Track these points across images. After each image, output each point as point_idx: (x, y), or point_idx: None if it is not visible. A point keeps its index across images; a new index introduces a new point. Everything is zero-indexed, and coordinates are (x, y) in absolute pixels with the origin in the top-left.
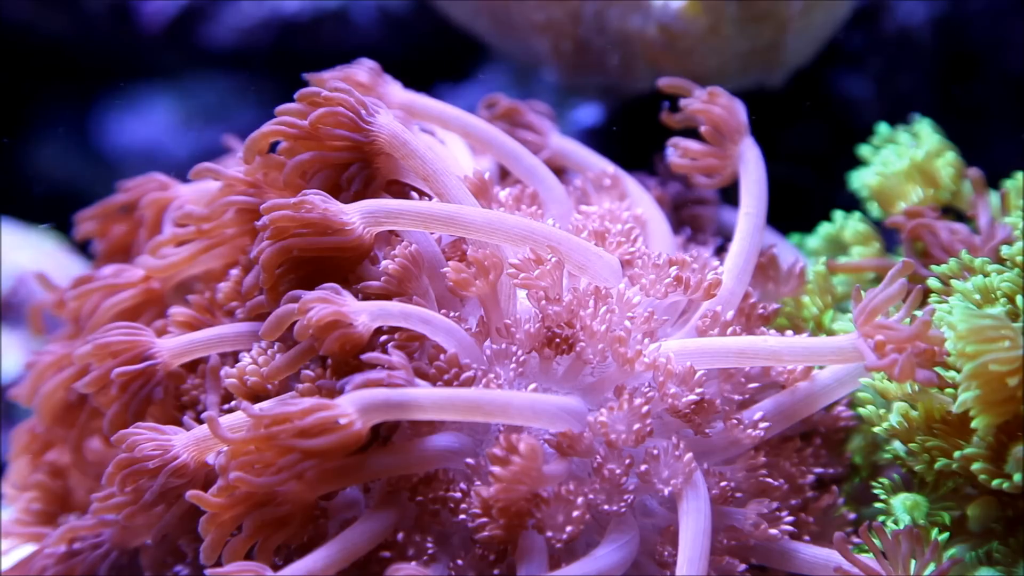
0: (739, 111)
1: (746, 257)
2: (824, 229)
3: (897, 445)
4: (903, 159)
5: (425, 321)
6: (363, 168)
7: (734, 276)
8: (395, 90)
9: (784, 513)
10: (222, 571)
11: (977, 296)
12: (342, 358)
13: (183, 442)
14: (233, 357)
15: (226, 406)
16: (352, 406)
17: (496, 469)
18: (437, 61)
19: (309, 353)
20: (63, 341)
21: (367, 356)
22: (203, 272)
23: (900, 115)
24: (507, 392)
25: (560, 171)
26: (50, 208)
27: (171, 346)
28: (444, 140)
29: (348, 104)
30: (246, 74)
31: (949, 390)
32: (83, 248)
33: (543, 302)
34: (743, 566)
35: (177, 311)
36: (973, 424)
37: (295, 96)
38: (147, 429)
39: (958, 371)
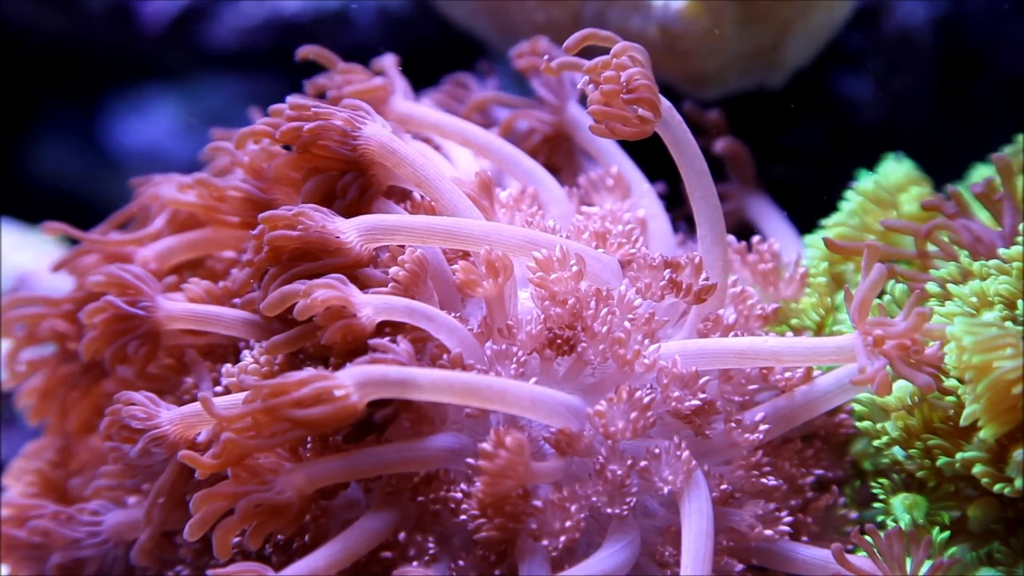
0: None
1: (723, 247)
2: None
3: (896, 450)
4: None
5: (429, 318)
6: (358, 177)
7: (717, 271)
8: (396, 99)
9: (783, 514)
10: (224, 571)
11: (974, 299)
12: (343, 350)
13: (169, 416)
14: (234, 356)
15: None
16: (350, 379)
17: (483, 463)
18: (437, 61)
19: (310, 335)
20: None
21: (373, 342)
22: (205, 269)
23: (900, 115)
24: (506, 380)
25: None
26: (51, 208)
27: (169, 307)
28: (444, 144)
29: (335, 122)
30: (248, 76)
31: (949, 397)
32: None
33: (546, 302)
34: (741, 566)
35: (192, 285)
36: (980, 435)
37: (287, 104)
38: (144, 397)
39: (959, 380)
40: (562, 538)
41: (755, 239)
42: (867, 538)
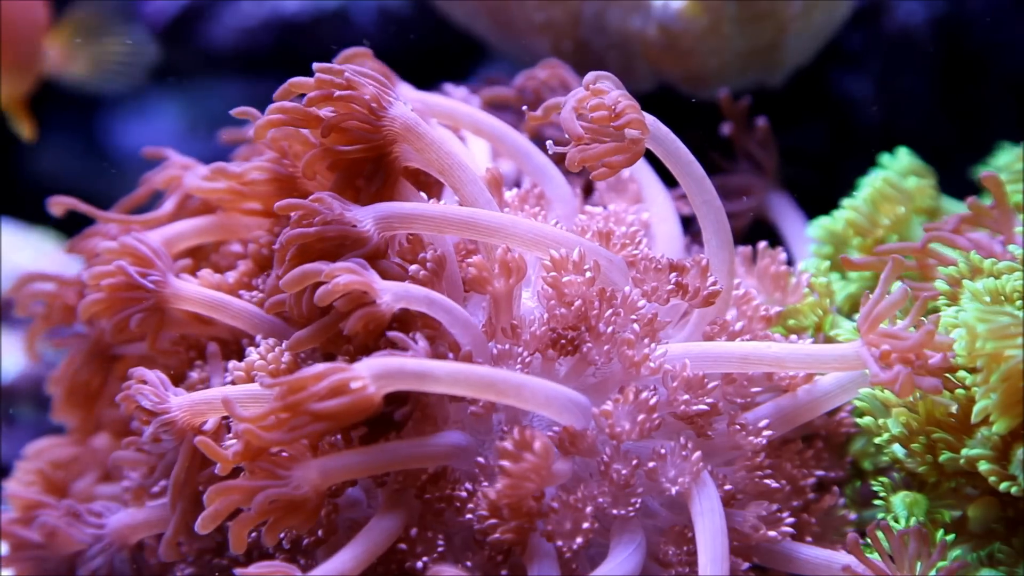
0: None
1: (729, 251)
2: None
3: (896, 448)
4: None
5: (447, 311)
6: (380, 163)
7: (723, 274)
8: (404, 90)
9: (785, 515)
10: (251, 571)
11: (987, 299)
12: (364, 340)
13: (178, 402)
14: (236, 354)
15: None
16: (367, 371)
17: (506, 464)
18: (437, 61)
19: (331, 328)
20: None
21: (391, 334)
22: (210, 263)
23: (900, 115)
24: (521, 375)
25: None
26: None
27: (178, 285)
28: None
29: (363, 95)
30: (249, 77)
31: (960, 391)
32: None
33: (552, 302)
34: (747, 564)
35: (206, 273)
36: (994, 429)
37: (314, 80)
38: (156, 378)
39: (968, 371)
40: (578, 539)
41: (761, 245)
42: (879, 535)
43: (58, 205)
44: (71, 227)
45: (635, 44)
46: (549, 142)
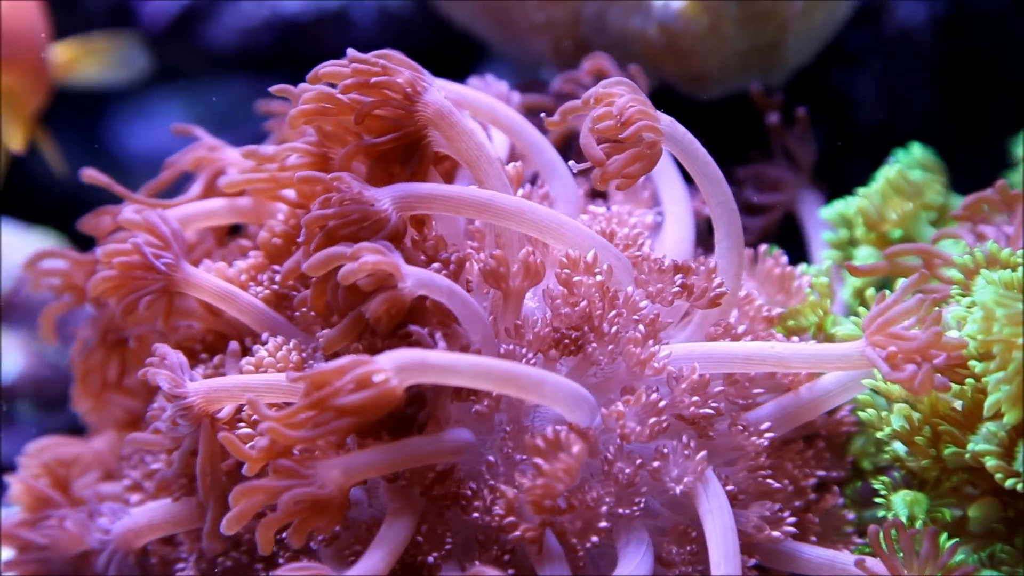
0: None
1: (739, 253)
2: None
3: (897, 446)
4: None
5: (465, 304)
6: (415, 149)
7: (731, 276)
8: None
9: (787, 514)
10: (283, 572)
11: (1002, 289)
12: (385, 327)
13: (195, 388)
14: (242, 350)
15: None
16: (390, 364)
17: (540, 462)
18: (437, 61)
19: (358, 324)
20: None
21: (412, 328)
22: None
23: (900, 115)
24: (542, 371)
25: None
26: (53, 210)
27: (190, 271)
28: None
29: (397, 79)
30: (252, 77)
31: (969, 380)
32: (85, 250)
33: (557, 301)
34: (753, 561)
35: (222, 264)
36: (1004, 420)
37: (350, 69)
38: (177, 360)
39: (979, 358)
40: (592, 538)
41: (762, 248)
42: (892, 534)
43: (90, 177)
44: (71, 227)
45: (635, 44)
46: (571, 162)
